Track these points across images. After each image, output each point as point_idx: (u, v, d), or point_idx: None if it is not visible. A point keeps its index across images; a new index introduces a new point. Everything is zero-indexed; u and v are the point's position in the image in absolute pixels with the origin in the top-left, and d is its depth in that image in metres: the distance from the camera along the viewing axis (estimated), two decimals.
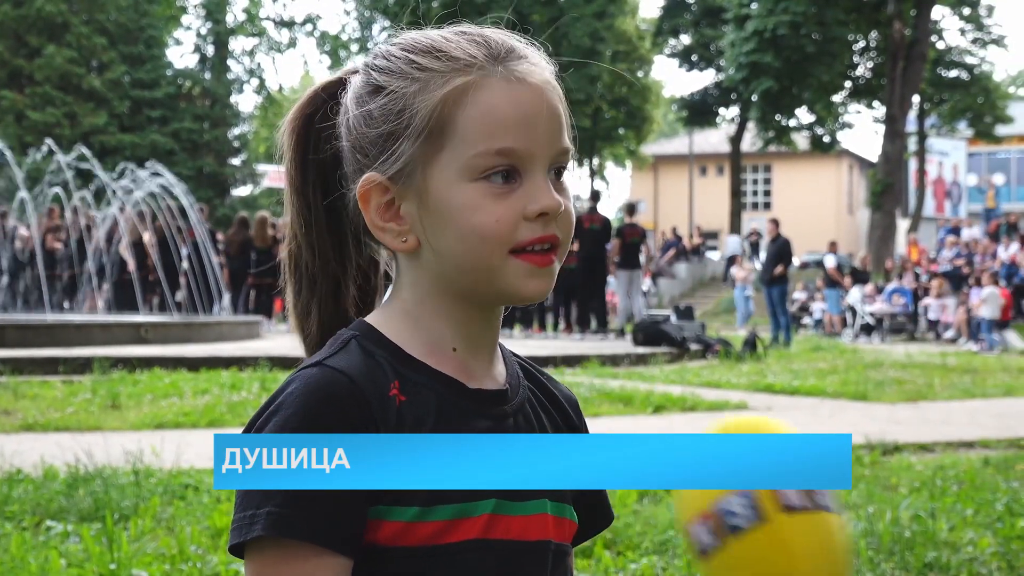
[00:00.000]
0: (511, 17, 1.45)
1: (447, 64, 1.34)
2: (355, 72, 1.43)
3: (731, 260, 41.84)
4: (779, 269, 21.54)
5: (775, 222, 22.37)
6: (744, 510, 1.19)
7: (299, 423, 1.26)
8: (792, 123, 45.24)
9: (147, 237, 21.95)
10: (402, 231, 1.37)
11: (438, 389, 1.36)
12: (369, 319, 1.41)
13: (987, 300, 23.43)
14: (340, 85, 1.45)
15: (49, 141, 23.42)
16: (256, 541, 1.26)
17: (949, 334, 25.80)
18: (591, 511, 1.53)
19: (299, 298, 1.48)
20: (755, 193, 62.94)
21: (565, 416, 1.53)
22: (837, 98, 45.61)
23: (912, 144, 45.95)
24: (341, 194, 1.43)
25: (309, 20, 56.26)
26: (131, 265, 21.54)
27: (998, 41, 47.20)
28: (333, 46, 54.67)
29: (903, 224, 43.00)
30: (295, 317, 1.49)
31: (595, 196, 22.05)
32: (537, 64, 1.38)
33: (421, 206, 1.35)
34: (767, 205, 61.43)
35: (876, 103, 45.63)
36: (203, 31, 54.87)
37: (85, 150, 23.16)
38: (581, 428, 1.55)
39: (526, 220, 1.33)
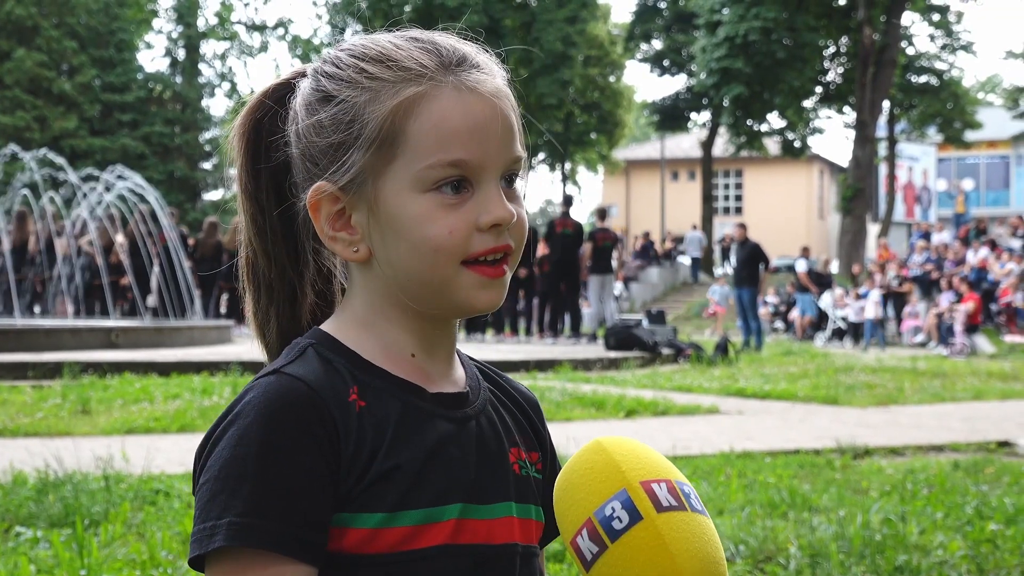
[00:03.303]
0: (467, 27, 1.43)
1: (397, 74, 1.32)
2: (303, 75, 1.41)
3: (696, 261, 41.98)
4: (765, 271, 21.63)
5: (743, 226, 22.43)
6: (622, 512, 1.23)
7: (258, 432, 1.25)
8: (763, 128, 45.44)
9: (119, 241, 21.83)
10: (353, 241, 1.36)
11: (398, 394, 1.35)
12: (324, 327, 1.40)
13: (873, 301, 25.84)
14: (288, 89, 1.42)
15: (15, 147, 23.24)
16: (216, 552, 1.24)
17: (919, 338, 25.95)
18: None
19: (258, 305, 1.47)
20: (726, 198, 63.11)
21: (527, 416, 1.51)
22: (808, 103, 45.84)
23: (882, 149, 46.22)
24: (292, 203, 1.41)
25: (281, 24, 56.18)
26: (101, 270, 21.41)
27: (967, 47, 47.54)
28: (305, 50, 54.57)
29: (873, 229, 43.23)
30: (255, 324, 1.48)
31: (567, 201, 22.08)
32: (489, 72, 1.36)
33: (372, 216, 1.34)
34: (738, 210, 61.60)
35: (846, 108, 45.92)
36: (174, 35, 54.72)
37: (55, 155, 23.03)
38: (543, 429, 1.53)
39: (479, 231, 1.31)
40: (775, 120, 45.71)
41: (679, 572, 1.21)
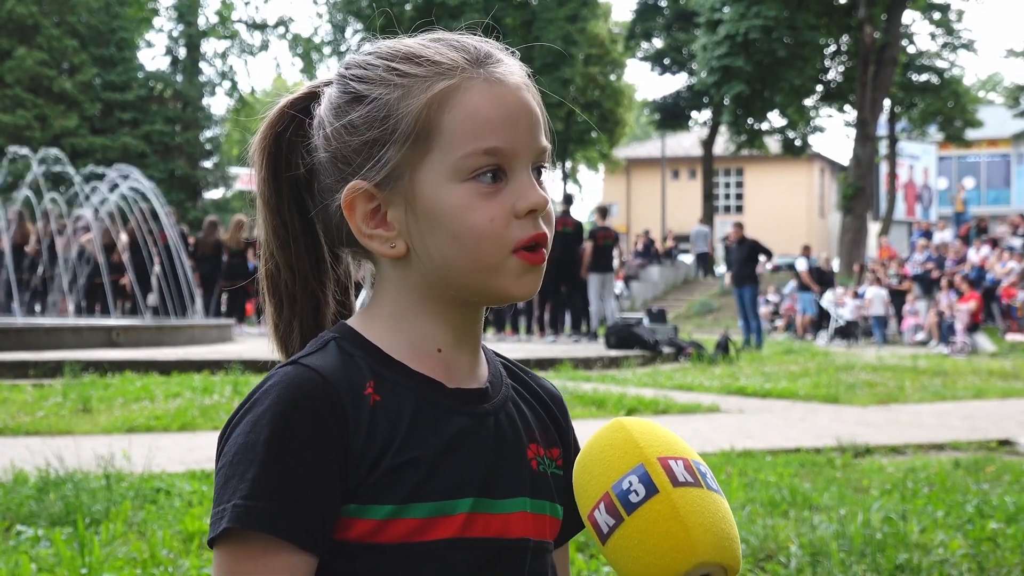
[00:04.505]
0: (488, 21, 1.45)
1: (429, 69, 1.35)
2: (327, 84, 1.44)
3: (701, 256, 41.92)
4: (762, 264, 21.63)
5: (740, 226, 22.43)
6: (639, 485, 1.26)
7: (270, 419, 1.27)
8: (764, 127, 45.43)
9: (121, 240, 21.82)
10: (390, 237, 1.37)
11: (415, 389, 1.36)
12: (350, 322, 1.42)
13: (873, 299, 26.38)
14: (310, 99, 1.45)
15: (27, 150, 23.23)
16: (224, 536, 1.26)
17: (920, 336, 25.96)
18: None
19: (280, 317, 1.49)
20: (727, 196, 63.13)
21: (550, 413, 1.52)
22: (808, 102, 45.81)
23: (883, 148, 46.18)
24: (322, 207, 1.43)
25: (281, 23, 56.14)
26: (102, 268, 21.40)
27: (968, 46, 47.47)
28: (305, 49, 54.57)
29: (874, 227, 43.20)
30: (277, 336, 1.49)
31: (568, 199, 22.10)
32: (513, 67, 1.40)
33: (410, 211, 1.36)
34: (739, 208, 61.64)
35: (847, 107, 45.88)
36: (175, 33, 54.67)
37: (59, 153, 23.04)
38: (567, 425, 1.55)
39: (516, 218, 1.34)
40: (776, 118, 45.71)
41: (693, 545, 1.24)
